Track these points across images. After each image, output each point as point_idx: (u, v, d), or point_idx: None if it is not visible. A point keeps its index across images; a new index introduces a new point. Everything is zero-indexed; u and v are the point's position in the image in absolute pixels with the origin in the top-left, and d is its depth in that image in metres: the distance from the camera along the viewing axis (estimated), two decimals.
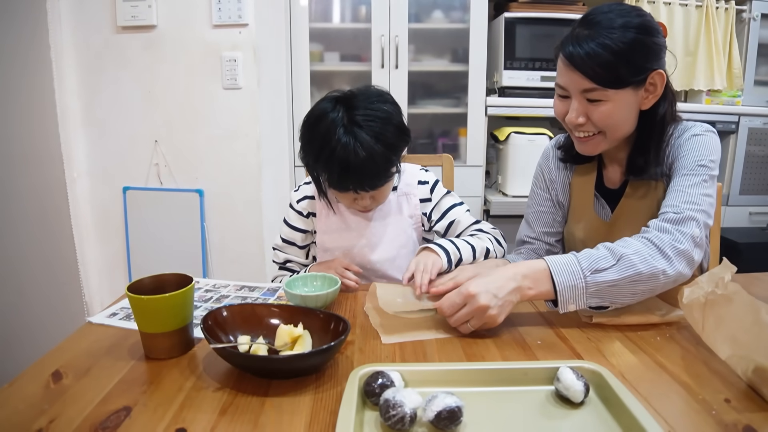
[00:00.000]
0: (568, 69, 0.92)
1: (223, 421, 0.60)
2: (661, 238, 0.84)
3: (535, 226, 1.20)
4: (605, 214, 1.10)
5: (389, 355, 0.76)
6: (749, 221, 2.62)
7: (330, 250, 1.17)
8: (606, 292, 0.82)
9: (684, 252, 0.83)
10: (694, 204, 0.88)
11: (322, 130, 0.98)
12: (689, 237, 0.84)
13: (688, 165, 0.93)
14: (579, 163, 1.14)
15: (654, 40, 0.91)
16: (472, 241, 1.07)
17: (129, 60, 1.92)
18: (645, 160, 0.99)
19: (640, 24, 0.90)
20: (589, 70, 0.90)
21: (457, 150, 2.52)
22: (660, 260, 0.82)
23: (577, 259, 0.83)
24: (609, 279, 0.81)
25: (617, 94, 0.91)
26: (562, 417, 0.61)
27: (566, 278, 0.81)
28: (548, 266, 0.83)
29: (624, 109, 0.94)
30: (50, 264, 1.99)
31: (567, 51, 0.91)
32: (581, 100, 0.94)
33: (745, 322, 0.65)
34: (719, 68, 2.49)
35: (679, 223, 0.86)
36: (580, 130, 0.98)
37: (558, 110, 1.01)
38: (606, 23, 0.90)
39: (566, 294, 0.81)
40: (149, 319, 0.73)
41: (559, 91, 0.98)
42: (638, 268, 0.81)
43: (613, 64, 0.89)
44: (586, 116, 0.95)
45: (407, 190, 1.18)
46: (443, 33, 2.48)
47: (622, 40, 0.88)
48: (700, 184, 0.91)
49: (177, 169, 2.01)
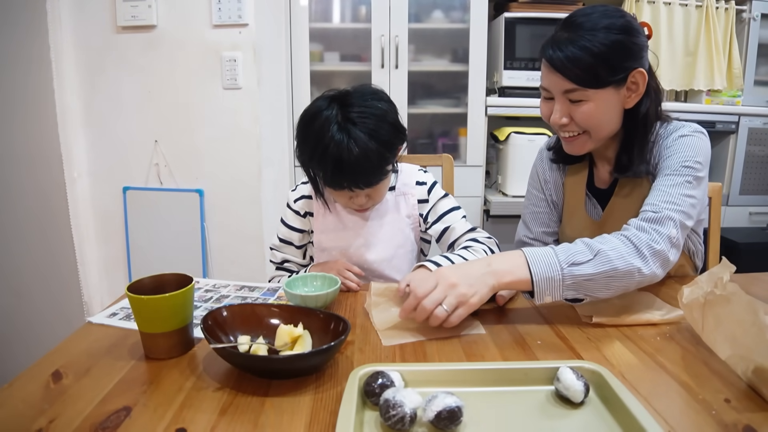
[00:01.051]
0: (549, 71, 0.95)
1: (223, 421, 0.60)
2: (638, 236, 0.84)
3: (532, 227, 1.21)
4: (596, 213, 1.11)
5: (389, 355, 0.76)
6: (749, 221, 2.62)
7: (327, 250, 1.17)
8: (581, 286, 0.82)
9: (659, 252, 0.83)
10: (674, 204, 0.88)
11: (317, 127, 0.98)
12: (666, 237, 0.84)
13: (672, 165, 0.94)
14: (569, 163, 1.15)
15: (633, 40, 0.92)
16: (468, 257, 1.04)
17: (129, 60, 1.92)
18: (629, 158, 1.00)
19: (621, 25, 0.91)
20: (568, 72, 0.91)
21: (457, 150, 2.52)
22: (636, 259, 0.82)
23: (555, 252, 0.83)
24: (585, 273, 0.81)
25: (597, 93, 0.93)
26: (562, 417, 0.61)
27: (543, 269, 0.82)
28: (525, 256, 0.84)
29: (606, 109, 0.95)
30: (50, 264, 1.99)
31: (548, 54, 0.93)
32: (564, 101, 0.96)
33: (745, 322, 0.65)
34: (719, 68, 2.49)
35: (657, 222, 0.86)
36: (565, 131, 1.00)
37: (544, 112, 1.03)
38: (587, 26, 0.91)
39: (543, 285, 0.82)
40: (149, 319, 0.73)
41: (544, 93, 1.01)
42: (614, 264, 0.81)
43: (592, 66, 0.90)
44: (569, 116, 0.97)
45: (405, 189, 1.18)
46: (443, 33, 2.48)
47: (601, 42, 0.89)
48: (682, 184, 0.91)
49: (177, 169, 2.01)
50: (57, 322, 2.00)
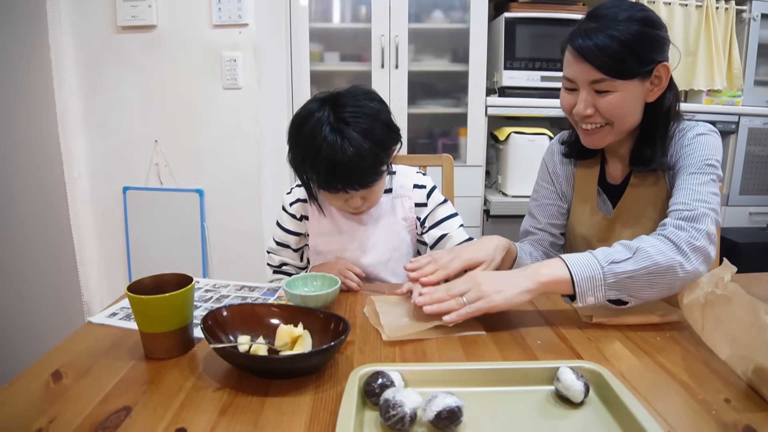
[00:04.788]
0: (577, 60, 0.94)
1: (223, 421, 0.60)
2: (677, 234, 0.84)
3: (540, 218, 1.19)
4: (607, 209, 1.11)
5: (389, 355, 0.76)
6: (749, 221, 2.63)
7: (322, 254, 1.16)
8: (623, 285, 0.81)
9: (700, 249, 0.83)
10: (706, 202, 0.89)
11: (309, 129, 0.96)
12: (705, 234, 0.85)
13: (695, 163, 0.95)
14: (582, 158, 1.15)
15: (659, 33, 0.94)
16: None
17: (129, 60, 1.92)
18: (651, 152, 1.00)
19: (644, 17, 0.93)
20: (598, 61, 0.92)
21: (457, 150, 2.52)
22: (677, 254, 0.82)
23: (592, 253, 0.83)
24: (626, 270, 0.80)
25: (624, 84, 0.93)
26: (562, 417, 0.61)
27: (583, 269, 0.81)
28: (562, 258, 0.83)
29: (631, 100, 0.95)
30: (50, 264, 1.99)
31: (576, 44, 0.93)
32: (589, 91, 0.96)
33: (745, 322, 0.65)
34: (719, 68, 2.49)
35: (694, 220, 0.86)
36: (588, 122, 0.99)
37: (565, 103, 1.02)
38: (612, 17, 0.92)
39: (584, 284, 0.81)
40: (149, 319, 0.73)
41: (567, 83, 1.00)
42: (655, 260, 0.80)
43: (622, 55, 0.91)
44: (594, 107, 0.97)
45: (402, 192, 1.16)
46: (443, 33, 2.48)
47: (629, 32, 0.90)
48: (708, 183, 0.92)
49: (177, 169, 2.01)
50: (57, 322, 2.00)
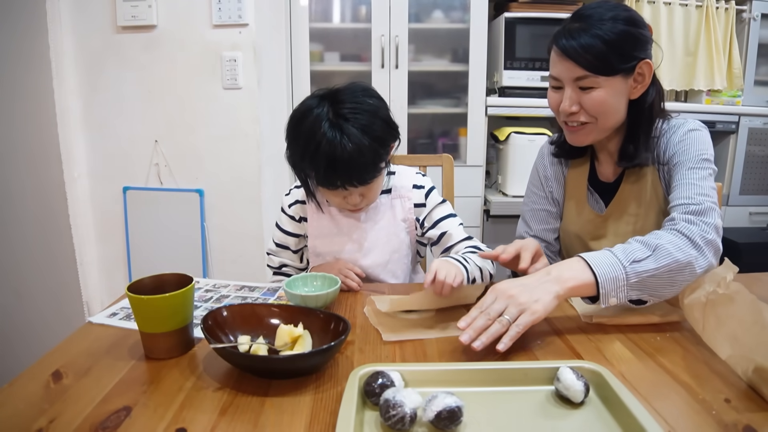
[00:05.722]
0: (561, 59, 0.98)
1: (223, 421, 0.60)
2: (690, 228, 0.85)
3: (532, 224, 1.22)
4: (599, 207, 1.13)
5: (389, 355, 0.76)
6: (749, 221, 2.62)
7: (321, 255, 1.16)
8: (645, 284, 0.81)
9: (712, 242, 0.85)
10: (708, 196, 0.91)
11: (307, 126, 0.97)
12: (713, 227, 0.86)
13: (692, 159, 0.97)
14: (572, 157, 1.17)
15: (641, 32, 0.97)
16: (479, 263, 1.01)
17: (129, 60, 1.92)
18: (635, 148, 1.03)
19: (628, 17, 0.97)
20: (581, 59, 0.95)
21: (457, 150, 2.52)
22: (693, 250, 0.83)
23: (613, 252, 0.82)
24: (648, 268, 0.80)
25: (608, 81, 0.96)
26: (562, 417, 0.61)
27: (606, 270, 0.80)
28: (584, 260, 0.82)
29: (614, 97, 0.98)
30: (50, 264, 1.99)
31: (561, 44, 0.97)
32: (574, 89, 0.99)
33: (746, 321, 0.65)
34: (719, 68, 2.49)
35: (702, 214, 0.88)
36: (573, 120, 1.02)
37: (552, 102, 1.05)
38: (597, 17, 0.96)
39: (608, 286, 0.80)
40: (149, 319, 0.73)
41: (553, 82, 1.04)
42: (675, 257, 0.81)
43: (604, 53, 0.94)
44: (579, 104, 1.00)
45: (401, 192, 1.16)
46: (443, 33, 2.48)
47: (613, 31, 0.94)
48: (707, 177, 0.95)
49: (177, 169, 2.01)
50: (57, 322, 2.00)
